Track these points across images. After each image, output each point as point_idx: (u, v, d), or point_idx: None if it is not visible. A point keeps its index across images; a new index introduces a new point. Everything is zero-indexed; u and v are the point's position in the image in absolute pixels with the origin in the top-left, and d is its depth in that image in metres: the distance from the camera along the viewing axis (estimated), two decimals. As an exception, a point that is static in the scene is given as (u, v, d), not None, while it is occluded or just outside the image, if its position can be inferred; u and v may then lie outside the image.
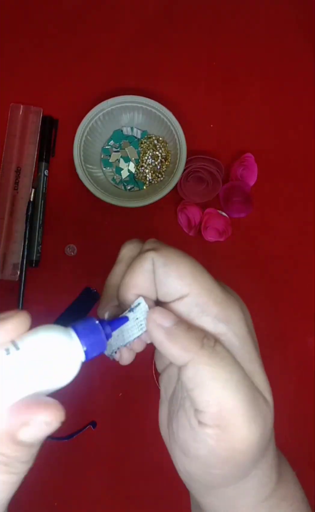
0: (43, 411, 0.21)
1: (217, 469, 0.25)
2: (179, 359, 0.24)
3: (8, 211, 0.67)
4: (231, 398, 0.24)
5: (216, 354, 0.24)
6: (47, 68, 0.70)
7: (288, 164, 0.69)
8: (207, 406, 0.24)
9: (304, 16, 0.72)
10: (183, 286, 0.26)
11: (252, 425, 0.24)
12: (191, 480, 0.27)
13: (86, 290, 0.67)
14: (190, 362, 0.24)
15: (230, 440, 0.24)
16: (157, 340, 0.25)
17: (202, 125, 0.69)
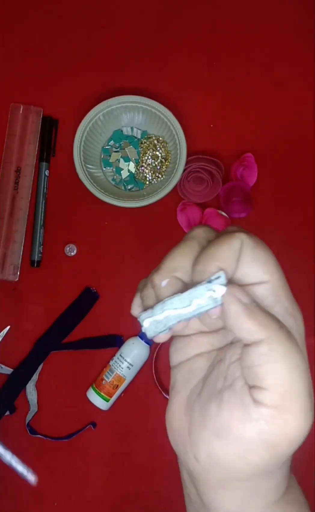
0: None
1: (256, 456, 0.25)
2: (255, 334, 0.24)
3: (8, 211, 0.67)
4: (298, 383, 0.24)
5: (292, 338, 0.25)
6: (47, 68, 0.70)
7: (288, 164, 0.69)
8: (273, 385, 0.24)
9: (304, 16, 0.72)
10: (266, 272, 0.27)
11: (308, 415, 0.24)
12: (212, 471, 0.26)
13: (86, 290, 0.67)
14: (266, 338, 0.24)
15: (283, 425, 0.24)
16: (235, 313, 0.25)
17: (202, 125, 0.69)
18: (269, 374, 0.24)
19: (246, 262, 0.27)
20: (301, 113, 0.70)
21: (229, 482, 0.27)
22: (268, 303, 0.26)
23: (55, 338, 0.65)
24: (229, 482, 0.27)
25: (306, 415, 0.24)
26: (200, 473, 0.27)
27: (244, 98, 0.70)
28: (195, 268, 0.26)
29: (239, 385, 0.25)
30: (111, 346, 0.66)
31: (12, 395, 0.64)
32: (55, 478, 0.63)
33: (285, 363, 0.24)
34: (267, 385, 0.24)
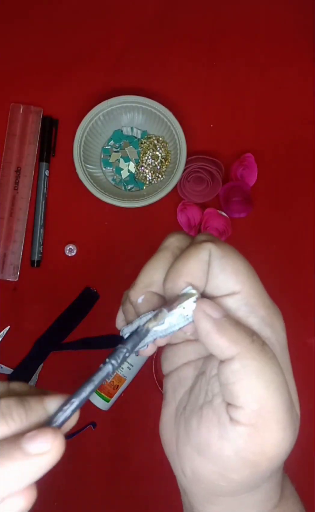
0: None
1: (236, 474, 0.24)
2: (226, 351, 0.24)
3: (8, 211, 0.67)
4: (272, 399, 0.23)
5: (265, 352, 0.24)
6: (47, 68, 0.70)
7: (288, 164, 0.69)
8: (247, 402, 0.23)
9: (304, 16, 0.72)
10: (237, 282, 0.25)
11: (287, 432, 0.24)
12: (197, 485, 0.26)
13: (86, 290, 0.67)
14: (237, 355, 0.23)
15: (261, 443, 0.23)
16: (205, 330, 0.24)
17: (202, 125, 0.69)
18: (242, 391, 0.23)
19: (214, 274, 0.25)
20: (301, 113, 0.70)
21: (214, 497, 0.27)
22: (242, 314, 0.25)
23: (55, 338, 0.65)
24: (214, 497, 0.27)
25: (285, 431, 0.24)
26: (187, 487, 0.27)
27: (244, 98, 0.70)
28: (165, 286, 0.26)
29: (217, 402, 0.25)
30: (111, 346, 0.65)
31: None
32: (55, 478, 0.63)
33: (258, 380, 0.23)
34: (242, 403, 0.23)
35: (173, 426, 0.28)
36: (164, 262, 0.27)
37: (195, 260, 0.25)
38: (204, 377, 0.27)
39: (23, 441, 0.22)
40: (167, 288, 0.26)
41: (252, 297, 0.26)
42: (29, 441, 0.22)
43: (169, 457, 0.28)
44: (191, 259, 0.25)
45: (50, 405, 0.24)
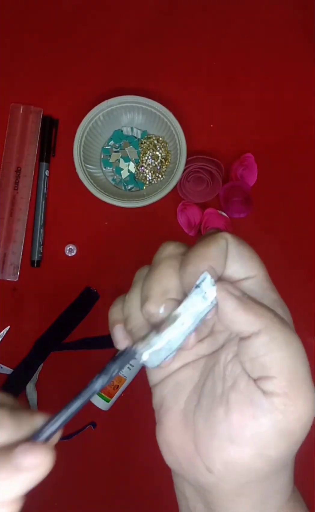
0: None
1: (274, 449, 0.25)
2: (253, 326, 0.25)
3: (8, 211, 0.67)
4: (301, 367, 0.25)
5: (287, 325, 0.26)
6: (47, 68, 0.70)
7: (288, 164, 0.69)
8: (281, 371, 0.24)
9: (304, 16, 0.72)
10: (253, 267, 0.28)
11: (313, 397, 0.25)
12: (228, 478, 0.26)
13: (86, 290, 0.67)
14: (264, 328, 0.25)
15: (296, 411, 0.24)
16: (231, 308, 0.25)
17: (202, 125, 0.69)
18: (275, 362, 0.24)
19: (233, 259, 0.27)
20: (301, 113, 0.70)
21: (247, 487, 0.27)
22: (256, 297, 0.27)
23: (55, 338, 0.65)
24: (246, 487, 0.27)
25: (312, 396, 0.25)
26: (215, 484, 0.27)
27: (244, 98, 0.70)
28: (186, 270, 0.26)
29: (243, 382, 0.25)
30: (111, 346, 0.65)
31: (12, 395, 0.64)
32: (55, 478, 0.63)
33: (287, 350, 0.25)
34: (275, 373, 0.24)
35: (183, 429, 0.28)
36: (173, 269, 0.27)
37: (216, 246, 0.26)
38: (217, 366, 0.27)
39: (15, 455, 0.22)
40: (189, 272, 0.26)
41: (265, 281, 0.28)
42: (20, 455, 0.22)
43: (179, 464, 0.28)
44: (211, 245, 0.26)
45: (39, 419, 0.24)
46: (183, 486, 0.30)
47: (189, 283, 0.26)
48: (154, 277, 0.27)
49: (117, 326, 0.29)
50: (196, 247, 0.27)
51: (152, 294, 0.27)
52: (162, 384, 0.30)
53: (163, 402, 0.30)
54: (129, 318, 0.29)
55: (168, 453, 0.29)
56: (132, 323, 0.28)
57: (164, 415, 0.29)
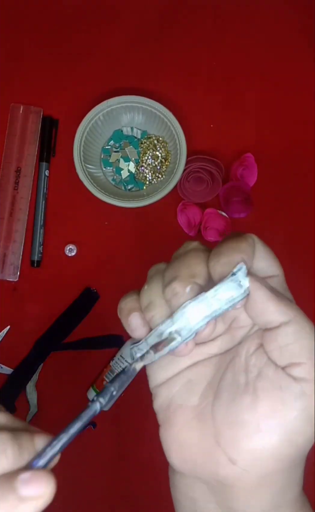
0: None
1: (302, 435, 0.25)
2: (284, 315, 0.26)
3: (8, 211, 0.67)
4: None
5: (308, 318, 0.27)
6: (47, 68, 0.70)
7: (288, 164, 0.69)
8: (310, 358, 0.25)
9: (304, 16, 0.72)
10: (278, 267, 0.30)
11: None
12: (252, 468, 0.26)
13: (86, 290, 0.67)
14: (294, 318, 0.26)
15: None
16: (264, 298, 0.27)
17: (202, 125, 0.69)
18: (304, 349, 0.26)
19: (261, 257, 0.29)
20: (301, 113, 0.70)
21: (269, 477, 0.27)
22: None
23: (55, 338, 0.65)
24: (269, 477, 0.27)
25: None
26: (237, 476, 0.27)
27: (244, 98, 0.70)
28: (219, 261, 0.27)
29: (271, 371, 0.26)
30: (111, 346, 0.66)
31: (12, 395, 0.64)
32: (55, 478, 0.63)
33: (312, 337, 0.26)
34: (306, 359, 0.25)
35: (198, 425, 0.28)
36: (201, 258, 0.28)
37: (246, 242, 0.28)
38: (238, 360, 0.28)
39: (17, 484, 0.22)
40: (222, 263, 0.27)
41: (284, 282, 0.30)
42: (23, 485, 0.22)
43: (193, 461, 0.28)
44: (242, 241, 0.28)
45: (39, 442, 0.24)
46: (191, 488, 0.30)
47: (222, 272, 0.27)
48: (183, 263, 0.28)
49: (135, 313, 0.29)
50: (228, 242, 0.28)
51: (180, 274, 0.27)
52: (168, 384, 0.30)
53: (173, 400, 0.30)
54: (150, 305, 0.28)
55: (179, 451, 0.29)
56: (154, 310, 0.28)
57: (174, 413, 0.29)
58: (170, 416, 0.29)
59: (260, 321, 0.27)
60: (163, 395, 0.30)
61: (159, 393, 0.31)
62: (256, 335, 0.28)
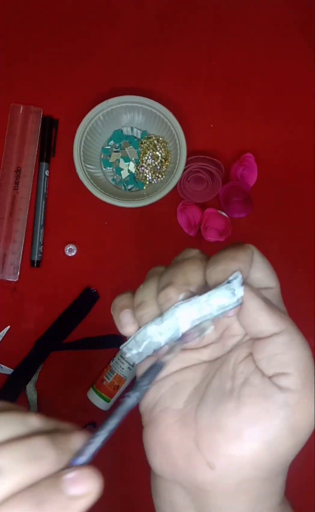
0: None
1: (282, 445, 0.26)
2: (276, 325, 0.27)
3: (8, 211, 0.67)
4: (312, 368, 0.27)
5: (298, 330, 0.28)
6: (47, 68, 0.70)
7: (288, 164, 0.69)
8: (297, 369, 0.26)
9: (304, 15, 0.72)
10: (273, 279, 0.30)
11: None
12: (229, 474, 0.26)
13: (86, 290, 0.67)
14: (286, 329, 0.27)
15: (305, 409, 0.25)
16: (257, 307, 0.27)
17: (202, 125, 0.69)
18: (293, 360, 0.26)
19: (257, 268, 0.29)
20: (301, 113, 0.70)
21: (247, 484, 0.27)
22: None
23: (55, 338, 0.65)
24: (246, 484, 0.27)
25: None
26: (214, 481, 0.27)
27: (244, 98, 0.70)
28: (215, 268, 0.27)
29: (257, 379, 0.26)
30: (111, 346, 0.66)
31: (12, 395, 0.64)
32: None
33: (304, 350, 0.27)
34: (293, 370, 0.26)
35: (181, 428, 0.28)
36: (198, 267, 0.28)
37: (244, 252, 0.28)
38: (226, 366, 0.28)
39: (64, 484, 0.22)
40: (219, 270, 0.27)
41: (279, 294, 0.30)
42: (70, 485, 0.22)
43: (172, 464, 0.28)
44: (240, 251, 0.28)
45: (76, 441, 0.24)
46: (171, 492, 0.30)
47: (218, 279, 0.27)
48: (180, 270, 0.28)
49: (127, 310, 0.30)
50: (226, 251, 0.28)
51: (175, 281, 0.28)
52: (156, 386, 0.30)
53: (159, 402, 0.30)
54: (142, 304, 0.29)
55: (160, 453, 0.29)
56: (146, 309, 0.29)
57: (159, 414, 0.29)
58: (155, 418, 0.30)
59: (252, 331, 0.27)
60: (149, 396, 0.30)
61: (147, 394, 0.31)
62: (247, 344, 0.28)
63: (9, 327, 0.66)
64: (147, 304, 0.29)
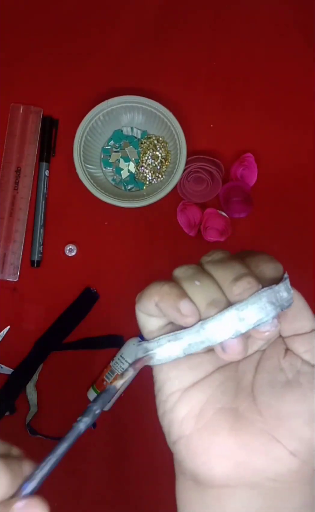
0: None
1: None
2: (313, 322, 0.29)
3: (8, 211, 0.67)
4: None
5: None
6: (47, 68, 0.70)
7: (288, 164, 0.69)
8: None
9: (304, 16, 0.72)
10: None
11: None
12: (311, 454, 0.27)
13: (86, 290, 0.67)
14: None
15: None
16: (302, 304, 0.30)
17: (202, 125, 0.69)
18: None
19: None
20: (301, 113, 0.70)
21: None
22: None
23: (55, 338, 0.65)
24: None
25: None
26: (299, 469, 0.27)
27: (244, 98, 0.70)
28: (269, 266, 0.30)
29: (308, 368, 0.28)
30: (111, 346, 0.66)
31: (12, 395, 0.64)
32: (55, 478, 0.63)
33: None
34: None
35: (244, 427, 0.28)
36: (244, 264, 0.29)
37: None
38: (268, 363, 0.29)
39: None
40: (272, 267, 0.30)
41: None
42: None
43: (253, 460, 0.28)
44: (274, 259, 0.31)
45: (27, 467, 0.25)
46: (230, 500, 0.29)
47: (272, 275, 0.29)
48: (232, 265, 0.28)
49: (188, 299, 0.28)
50: (259, 253, 0.31)
51: (248, 272, 0.28)
52: (199, 387, 0.30)
53: (207, 404, 0.30)
54: (217, 302, 0.27)
55: (225, 460, 0.28)
56: (218, 308, 0.27)
57: (214, 417, 0.29)
58: (209, 423, 0.28)
59: (292, 327, 0.29)
60: (192, 399, 0.29)
61: (186, 398, 0.29)
62: (278, 341, 0.30)
63: (9, 327, 0.66)
64: (220, 301, 0.27)
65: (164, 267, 0.66)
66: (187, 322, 0.27)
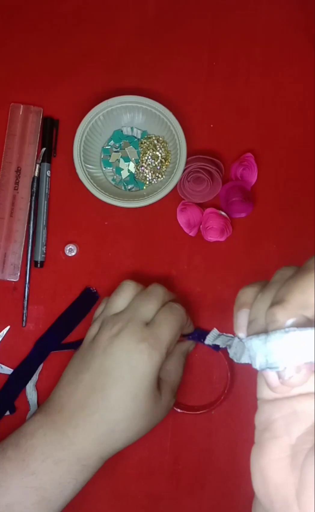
0: None
1: None
2: None
3: (8, 211, 0.67)
4: None
5: None
6: (47, 68, 0.70)
7: (288, 164, 0.69)
8: None
9: (304, 16, 0.72)
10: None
11: None
12: None
13: (86, 290, 0.67)
14: None
15: None
16: None
17: (202, 125, 0.69)
18: None
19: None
20: (301, 113, 0.70)
21: None
22: None
23: (55, 338, 0.65)
24: None
25: None
26: None
27: (244, 98, 0.70)
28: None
29: None
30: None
31: (12, 395, 0.64)
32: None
33: None
34: None
35: (288, 468, 0.24)
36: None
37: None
38: None
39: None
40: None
41: None
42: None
43: (273, 502, 0.24)
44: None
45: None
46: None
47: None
48: (297, 285, 0.24)
49: (244, 310, 0.26)
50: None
51: (289, 301, 0.23)
52: (273, 404, 0.26)
53: (270, 427, 0.26)
54: (253, 323, 0.25)
55: (260, 483, 0.25)
56: (255, 328, 0.25)
57: (268, 441, 0.25)
58: (263, 443, 0.26)
59: None
60: (264, 414, 0.26)
61: (261, 409, 0.27)
62: None
63: (9, 327, 0.66)
64: (257, 323, 0.25)
65: (164, 267, 0.66)
66: (237, 334, 0.26)
